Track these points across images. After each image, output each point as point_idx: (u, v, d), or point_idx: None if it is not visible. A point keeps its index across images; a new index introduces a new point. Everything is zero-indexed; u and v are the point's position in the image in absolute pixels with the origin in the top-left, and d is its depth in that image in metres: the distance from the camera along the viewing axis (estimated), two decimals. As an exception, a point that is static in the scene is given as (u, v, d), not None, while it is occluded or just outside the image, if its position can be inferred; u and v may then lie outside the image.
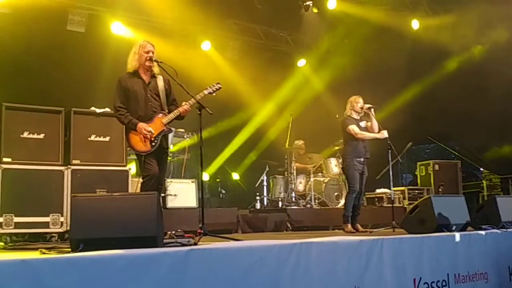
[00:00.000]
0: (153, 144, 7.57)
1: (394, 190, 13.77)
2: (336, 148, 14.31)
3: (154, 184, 7.52)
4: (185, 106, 7.67)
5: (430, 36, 16.04)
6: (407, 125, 15.95)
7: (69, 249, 5.14)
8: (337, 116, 11.58)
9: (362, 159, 10.54)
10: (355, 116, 10.71)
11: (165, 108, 7.83)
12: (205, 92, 7.76)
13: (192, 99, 7.63)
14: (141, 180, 7.69)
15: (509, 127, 15.25)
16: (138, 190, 8.87)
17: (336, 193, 14.16)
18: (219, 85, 7.90)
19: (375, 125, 10.60)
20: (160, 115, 7.71)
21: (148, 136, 7.52)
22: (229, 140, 16.82)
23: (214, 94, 7.85)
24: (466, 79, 15.28)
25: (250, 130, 16.92)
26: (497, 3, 13.77)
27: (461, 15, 14.81)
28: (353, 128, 10.47)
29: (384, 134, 10.48)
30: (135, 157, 8.14)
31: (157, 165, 7.62)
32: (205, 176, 15.66)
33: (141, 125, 7.54)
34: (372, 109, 10.61)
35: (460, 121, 16.28)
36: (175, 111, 7.74)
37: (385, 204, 14.61)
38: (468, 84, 15.15)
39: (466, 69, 15.48)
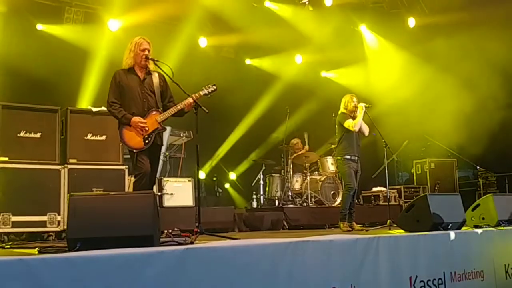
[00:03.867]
0: (147, 141, 7.53)
1: (390, 189, 13.79)
2: (333, 146, 14.29)
3: (147, 182, 7.50)
4: (189, 99, 7.60)
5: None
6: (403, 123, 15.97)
7: (66, 248, 5.14)
8: (333, 115, 11.62)
9: (356, 157, 10.56)
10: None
11: (160, 105, 7.80)
12: (201, 93, 7.70)
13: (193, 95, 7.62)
14: (133, 179, 7.69)
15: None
16: (131, 189, 8.90)
17: (332, 192, 14.16)
18: (215, 87, 7.85)
19: (365, 125, 10.66)
20: (155, 112, 7.67)
21: (143, 130, 7.51)
22: (226, 139, 16.83)
23: (209, 96, 7.82)
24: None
25: (248, 129, 16.90)
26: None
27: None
28: (349, 122, 10.49)
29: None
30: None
31: (149, 163, 7.58)
32: (201, 175, 15.66)
33: (136, 119, 7.50)
34: (365, 108, 10.62)
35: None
36: (170, 110, 7.68)
37: (381, 203, 14.65)
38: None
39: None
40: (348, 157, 10.50)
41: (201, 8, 14.56)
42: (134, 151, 7.53)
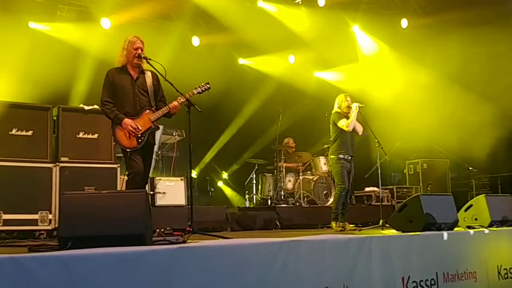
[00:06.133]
0: (140, 140, 7.52)
1: (383, 189, 13.79)
2: (326, 146, 14.27)
3: (140, 181, 7.48)
4: (174, 103, 7.60)
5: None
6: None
7: (58, 247, 5.11)
8: (326, 115, 11.59)
9: (349, 157, 10.54)
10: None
11: (153, 104, 7.79)
12: (194, 91, 7.72)
13: (181, 97, 7.59)
14: (125, 177, 7.67)
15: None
16: (123, 188, 8.86)
17: (325, 192, 14.16)
18: (208, 85, 7.88)
19: (358, 125, 10.64)
20: (148, 111, 7.66)
21: (134, 133, 7.47)
22: (218, 138, 16.82)
23: (202, 94, 7.83)
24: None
25: (240, 129, 16.89)
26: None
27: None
28: (342, 122, 10.47)
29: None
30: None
31: (142, 162, 7.57)
32: (193, 174, 15.64)
33: (127, 121, 7.48)
34: (359, 108, 10.58)
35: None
36: (163, 109, 7.67)
37: (373, 203, 14.63)
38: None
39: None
40: (341, 156, 10.48)
41: (194, 7, 14.54)
42: (127, 150, 7.51)
